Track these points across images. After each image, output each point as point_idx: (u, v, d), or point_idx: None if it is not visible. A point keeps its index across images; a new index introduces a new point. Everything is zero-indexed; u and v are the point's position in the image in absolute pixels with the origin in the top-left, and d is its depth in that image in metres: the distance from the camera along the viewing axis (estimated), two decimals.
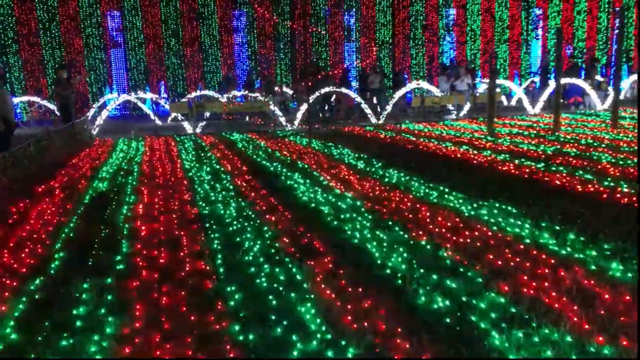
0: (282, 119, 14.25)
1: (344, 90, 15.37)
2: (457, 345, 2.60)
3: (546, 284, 3.28)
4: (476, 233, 4.37)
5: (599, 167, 6.88)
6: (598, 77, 18.56)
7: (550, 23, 22.65)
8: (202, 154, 9.66)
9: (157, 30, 19.57)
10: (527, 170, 6.90)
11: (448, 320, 2.89)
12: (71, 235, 4.82)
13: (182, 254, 4.19)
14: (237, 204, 5.74)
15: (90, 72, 18.86)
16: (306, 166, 7.96)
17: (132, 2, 19.23)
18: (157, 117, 14.07)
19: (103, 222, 5.23)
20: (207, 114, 14.88)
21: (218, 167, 8.23)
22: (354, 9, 20.96)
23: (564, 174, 6.51)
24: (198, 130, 13.71)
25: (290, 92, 17.63)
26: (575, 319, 2.81)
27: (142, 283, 3.62)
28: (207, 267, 3.87)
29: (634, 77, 16.76)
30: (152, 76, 19.67)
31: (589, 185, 5.86)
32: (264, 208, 5.52)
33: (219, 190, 6.49)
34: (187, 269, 3.86)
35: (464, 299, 3.13)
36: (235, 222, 5.00)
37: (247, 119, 16.01)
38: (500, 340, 2.62)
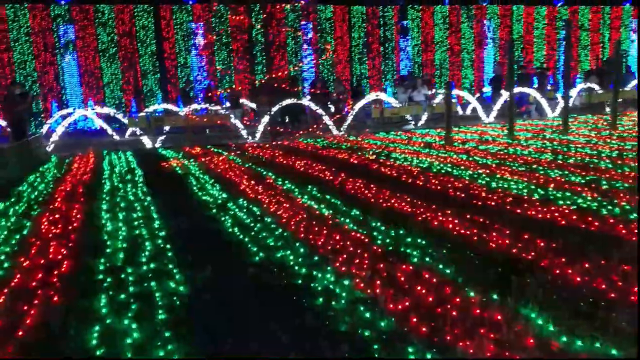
0: (244, 132, 14.21)
1: (304, 101, 15.46)
2: None
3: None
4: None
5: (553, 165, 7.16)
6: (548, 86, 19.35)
7: (502, 34, 23.43)
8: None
9: (110, 43, 19.22)
10: (485, 172, 7.11)
11: None
12: None
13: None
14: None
15: (40, 89, 18.32)
16: (270, 173, 7.97)
17: (84, 14, 18.84)
18: (114, 132, 13.81)
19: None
20: (167, 128, 14.69)
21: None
22: (310, 23, 21.15)
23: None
24: (157, 144, 13.52)
25: (252, 105, 17.61)
26: None
27: None
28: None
29: (582, 85, 17.50)
30: (107, 90, 19.27)
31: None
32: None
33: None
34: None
35: None
36: None
37: (208, 132, 15.90)
38: None
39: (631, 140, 9.86)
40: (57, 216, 6.03)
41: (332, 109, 17.11)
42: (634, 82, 18.21)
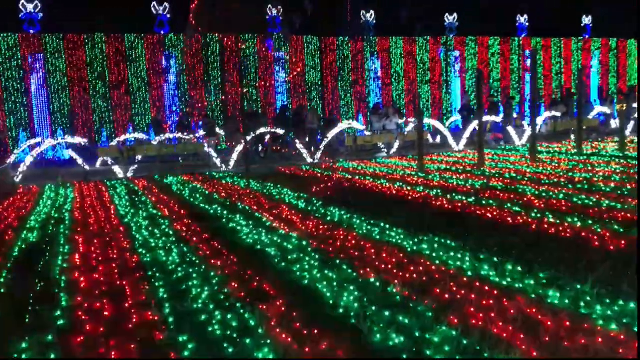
0: (217, 161, 14.16)
1: (278, 130, 15.54)
2: None
3: (492, 314, 3.44)
4: (421, 268, 4.53)
5: (525, 199, 7.33)
6: (514, 114, 19.91)
7: (468, 65, 24.13)
8: (137, 199, 9.40)
9: (82, 72, 19.06)
10: (459, 204, 7.24)
11: (405, 356, 2.97)
12: (1, 291, 4.53)
13: (127, 304, 4.04)
14: (179, 249, 5.63)
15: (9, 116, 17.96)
16: (247, 207, 7.93)
17: (55, 45, 18.68)
18: (84, 162, 13.58)
19: (37, 275, 4.96)
20: (139, 157, 14.53)
21: (155, 211, 8.03)
22: (282, 52, 21.40)
23: (494, 207, 6.88)
24: (130, 174, 13.33)
25: (222, 132, 17.60)
26: (523, 347, 2.96)
27: (87, 338, 3.45)
28: (156, 317, 3.76)
29: (547, 113, 18.06)
30: (77, 120, 19.01)
31: (518, 218, 6.22)
32: (207, 253, 5.44)
33: (159, 236, 6.33)
34: (135, 320, 3.73)
35: (417, 334, 3.23)
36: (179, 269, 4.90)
37: (181, 160, 15.78)
38: None
39: (597, 163, 10.21)
40: None
41: (307, 137, 17.24)
42: (596, 111, 18.91)
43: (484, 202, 7.24)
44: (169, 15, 19.69)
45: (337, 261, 4.85)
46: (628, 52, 26.95)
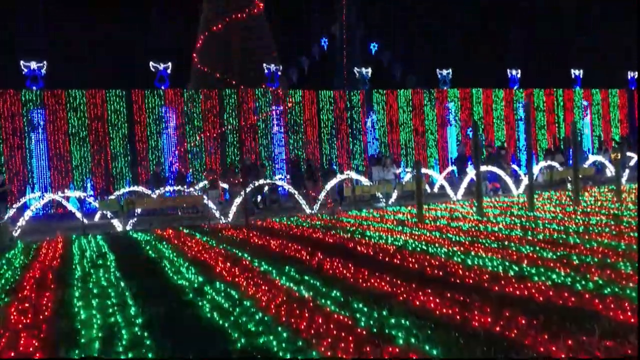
0: (217, 213, 14.17)
1: (277, 181, 15.64)
2: None
3: None
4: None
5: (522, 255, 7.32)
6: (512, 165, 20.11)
7: (462, 115, 24.57)
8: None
9: (82, 127, 19.31)
10: (459, 249, 7.22)
11: None
12: None
13: None
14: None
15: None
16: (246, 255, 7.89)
17: (56, 100, 19.03)
18: (83, 215, 13.57)
19: None
20: (138, 211, 14.55)
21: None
22: (281, 106, 21.81)
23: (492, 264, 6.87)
24: (128, 227, 13.31)
25: (225, 185, 17.70)
26: None
27: None
28: None
29: (543, 163, 18.27)
30: (77, 173, 19.12)
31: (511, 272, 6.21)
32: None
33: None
34: None
35: None
36: None
37: (180, 213, 15.80)
38: None
39: (594, 216, 10.25)
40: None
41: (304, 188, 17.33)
42: (591, 160, 19.15)
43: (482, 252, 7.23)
44: (169, 71, 20.19)
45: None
46: (619, 102, 27.54)
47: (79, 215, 13.59)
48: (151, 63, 19.99)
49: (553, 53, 27.13)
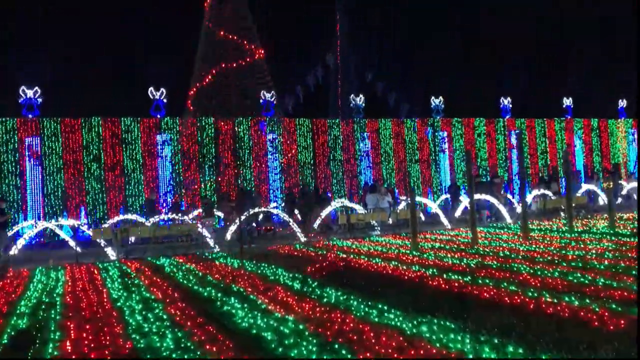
0: (210, 241, 14.11)
1: (272, 209, 15.64)
2: None
3: None
4: (422, 352, 4.46)
5: (520, 278, 7.33)
6: (505, 194, 20.22)
7: (455, 144, 24.80)
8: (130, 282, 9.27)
9: (77, 155, 19.34)
10: (456, 284, 7.22)
11: None
12: None
13: None
14: (173, 334, 5.52)
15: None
16: (241, 289, 7.84)
17: (52, 128, 19.09)
18: (77, 244, 13.48)
19: None
20: (132, 239, 14.47)
21: (148, 295, 7.92)
22: (276, 133, 21.94)
23: (491, 286, 6.87)
24: (122, 255, 13.22)
25: (220, 214, 17.66)
26: None
27: None
28: None
29: (536, 191, 18.36)
30: (70, 202, 19.05)
31: (515, 297, 6.21)
32: (202, 338, 5.33)
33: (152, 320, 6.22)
34: None
35: None
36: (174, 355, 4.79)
37: (175, 241, 15.71)
38: None
39: (590, 240, 10.30)
40: None
41: (299, 215, 17.33)
42: (584, 188, 19.27)
43: (480, 282, 7.23)
44: (165, 100, 20.32)
45: (336, 345, 4.77)
46: (610, 131, 27.91)
47: (72, 243, 13.50)
48: (150, 89, 20.14)
49: (544, 83, 27.54)
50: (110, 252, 13.26)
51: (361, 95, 23.90)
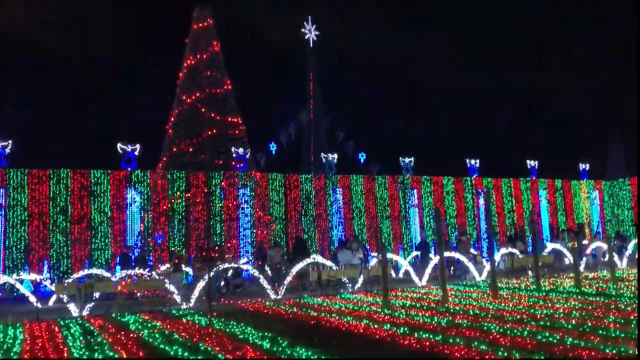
0: (178, 298, 13.77)
1: (242, 265, 15.44)
2: None
3: None
4: None
5: (490, 337, 7.36)
6: (472, 251, 20.48)
7: (425, 202, 25.20)
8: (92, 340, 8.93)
9: (43, 207, 18.93)
10: (427, 343, 7.20)
11: None
12: None
13: None
14: None
15: None
16: (209, 348, 7.64)
17: (18, 179, 18.73)
18: (37, 300, 12.96)
19: None
20: (97, 294, 14.01)
21: (111, 353, 7.63)
22: (248, 187, 21.96)
23: (461, 345, 6.87)
24: (85, 312, 12.75)
25: (188, 269, 17.32)
26: None
27: None
28: None
29: (504, 250, 18.65)
30: (33, 255, 18.45)
31: (486, 356, 6.22)
32: None
33: None
34: None
35: None
36: None
37: (140, 298, 15.26)
38: None
39: (557, 299, 10.44)
40: None
41: (269, 272, 17.14)
42: (549, 247, 19.66)
43: (450, 341, 7.23)
44: (137, 153, 20.25)
45: None
46: (573, 192, 28.83)
47: (32, 299, 13.00)
48: (119, 144, 20.06)
49: (509, 144, 28.64)
50: (73, 309, 12.79)
51: (335, 154, 24.33)
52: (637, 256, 10.93)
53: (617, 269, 16.14)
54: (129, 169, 20.12)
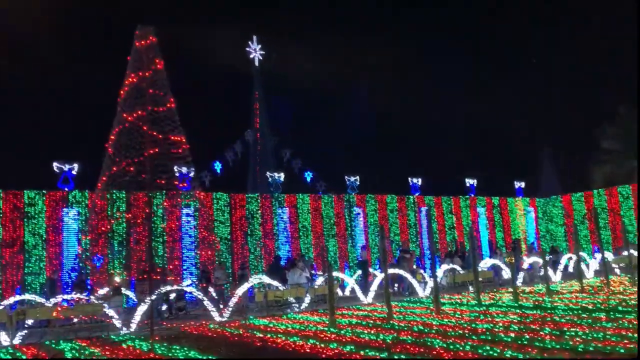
0: (118, 322, 13.25)
1: (185, 287, 15.08)
2: None
3: None
4: None
5: (434, 352, 7.51)
6: (414, 267, 20.87)
7: (369, 220, 25.54)
8: None
9: None
10: None
11: None
12: None
13: None
14: None
15: None
16: None
17: None
18: None
19: None
20: (29, 322, 13.27)
21: None
22: (192, 207, 21.56)
23: None
24: (17, 341, 12.04)
25: (129, 292, 16.73)
26: None
27: None
28: None
29: (445, 266, 19.13)
30: None
31: None
32: None
33: None
34: None
35: None
36: None
37: (76, 324, 14.56)
38: None
39: (496, 313, 10.79)
40: None
41: (214, 293, 16.82)
42: (488, 263, 20.32)
43: (395, 357, 7.33)
44: (74, 172, 19.47)
45: None
46: (509, 209, 30.01)
47: None
48: (55, 163, 19.25)
49: (449, 164, 29.66)
50: (4, 337, 12.06)
51: (282, 173, 24.34)
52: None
53: (551, 283, 16.89)
54: (66, 189, 19.34)
